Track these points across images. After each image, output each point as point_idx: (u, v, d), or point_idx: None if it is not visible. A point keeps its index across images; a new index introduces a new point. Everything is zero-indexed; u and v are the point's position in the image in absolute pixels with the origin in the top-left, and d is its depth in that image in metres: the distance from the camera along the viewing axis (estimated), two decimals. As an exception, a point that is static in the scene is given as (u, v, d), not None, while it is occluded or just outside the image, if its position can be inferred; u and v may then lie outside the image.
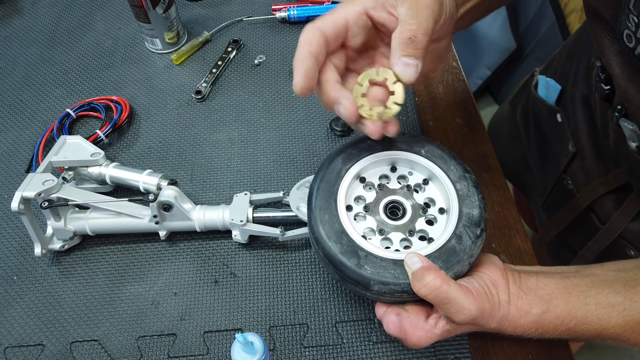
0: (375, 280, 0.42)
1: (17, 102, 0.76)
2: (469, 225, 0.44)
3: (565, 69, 0.68)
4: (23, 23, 0.88)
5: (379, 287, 0.42)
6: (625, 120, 0.48)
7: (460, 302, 0.40)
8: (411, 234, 0.46)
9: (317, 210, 0.45)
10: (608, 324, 0.43)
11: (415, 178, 0.50)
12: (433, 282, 0.39)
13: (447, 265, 0.42)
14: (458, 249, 0.43)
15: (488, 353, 0.52)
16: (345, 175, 0.48)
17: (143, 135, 0.71)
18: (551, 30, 1.61)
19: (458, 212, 0.45)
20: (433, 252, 0.43)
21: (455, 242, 0.43)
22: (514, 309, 0.43)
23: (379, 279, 0.42)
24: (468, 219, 0.45)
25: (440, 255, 0.43)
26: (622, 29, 0.43)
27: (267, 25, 0.83)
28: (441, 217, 0.47)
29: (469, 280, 0.43)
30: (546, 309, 0.43)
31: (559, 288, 0.44)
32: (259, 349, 0.43)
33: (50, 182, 0.55)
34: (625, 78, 0.46)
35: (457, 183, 0.47)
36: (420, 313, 0.43)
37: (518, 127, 0.82)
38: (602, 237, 0.63)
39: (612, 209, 0.61)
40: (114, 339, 0.55)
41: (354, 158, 0.48)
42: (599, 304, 0.43)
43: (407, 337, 0.43)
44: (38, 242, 0.57)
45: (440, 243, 0.44)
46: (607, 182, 0.60)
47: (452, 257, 0.43)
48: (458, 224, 0.44)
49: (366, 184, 0.49)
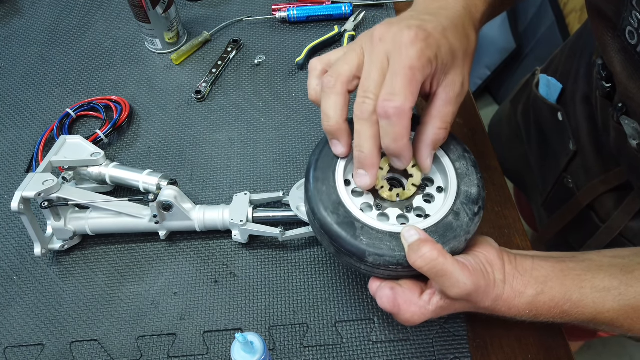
0: (370, 252, 0.42)
1: (17, 102, 0.76)
2: (466, 203, 0.44)
3: (566, 68, 0.68)
4: (23, 23, 0.88)
5: (374, 259, 0.42)
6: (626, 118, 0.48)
7: (455, 276, 0.40)
8: (408, 210, 0.46)
9: (315, 181, 0.45)
10: (603, 307, 0.43)
11: None
12: (429, 254, 0.39)
13: (444, 240, 0.42)
14: (455, 225, 0.43)
15: (488, 353, 0.53)
16: None
17: (143, 135, 0.71)
18: (551, 30, 1.61)
19: (456, 190, 0.45)
20: (430, 227, 0.43)
21: (453, 219, 0.43)
22: (509, 288, 0.43)
23: (375, 251, 0.42)
24: (466, 197, 0.45)
25: (437, 230, 0.43)
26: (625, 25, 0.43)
27: (267, 25, 0.83)
28: (439, 196, 0.47)
29: (465, 257, 0.42)
30: (541, 290, 0.43)
31: (554, 271, 0.44)
32: (258, 349, 0.43)
33: (50, 182, 0.55)
34: (626, 76, 0.46)
35: (457, 162, 0.47)
36: (414, 288, 0.43)
37: (519, 126, 0.82)
38: (602, 235, 0.63)
39: (612, 208, 0.61)
40: (114, 338, 0.55)
41: None
42: (595, 288, 0.43)
43: (400, 312, 0.43)
44: (38, 242, 0.57)
45: (437, 218, 0.44)
46: (608, 181, 0.61)
47: (448, 233, 0.43)
48: (456, 201, 0.44)
49: None
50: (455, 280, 0.40)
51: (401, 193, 0.46)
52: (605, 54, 0.48)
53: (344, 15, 0.82)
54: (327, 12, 0.82)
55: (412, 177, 0.46)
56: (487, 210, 0.62)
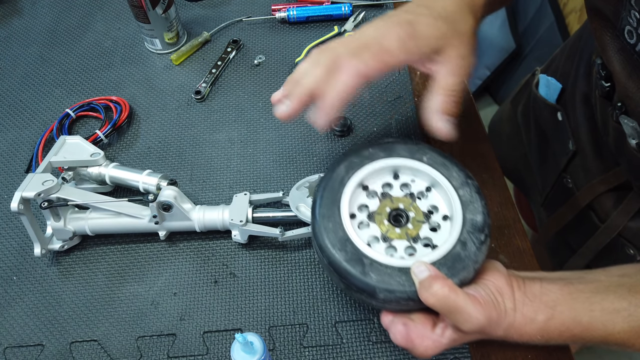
0: (380, 288, 0.41)
1: (17, 102, 0.76)
2: (472, 232, 0.44)
3: (566, 68, 0.68)
4: (23, 23, 0.88)
5: (384, 295, 0.42)
6: (626, 117, 0.48)
7: (468, 311, 0.40)
8: (415, 241, 0.46)
9: (321, 218, 0.45)
10: (613, 329, 0.43)
11: (417, 185, 0.49)
12: (440, 290, 0.39)
13: (453, 272, 0.42)
14: (463, 255, 0.43)
15: (488, 353, 0.52)
16: (348, 182, 0.47)
17: (143, 136, 0.71)
18: (550, 31, 1.61)
19: (462, 218, 0.45)
20: (438, 259, 0.43)
21: (460, 249, 0.43)
22: (520, 316, 0.43)
23: (385, 287, 0.41)
24: (472, 225, 0.45)
25: (445, 262, 0.43)
26: (623, 25, 0.44)
27: (266, 25, 0.83)
28: (445, 224, 0.47)
29: (475, 289, 0.42)
30: (551, 315, 0.43)
31: (563, 294, 0.44)
32: (258, 349, 0.43)
33: (49, 182, 0.55)
34: (625, 75, 0.46)
35: (460, 189, 0.47)
36: (426, 322, 0.43)
37: (519, 126, 0.82)
38: (601, 235, 0.63)
39: (611, 208, 0.61)
40: (114, 339, 0.55)
41: (357, 166, 0.48)
42: (604, 310, 0.43)
43: (414, 347, 0.43)
44: (38, 242, 0.57)
45: (445, 250, 0.43)
46: (607, 181, 0.61)
47: (457, 264, 0.43)
48: (462, 230, 0.44)
49: (369, 192, 0.49)
50: (468, 316, 0.40)
51: (409, 231, 0.46)
52: (605, 54, 0.48)
53: (343, 16, 0.82)
54: (326, 12, 0.82)
55: (414, 214, 0.47)
56: (487, 210, 0.62)
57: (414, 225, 0.47)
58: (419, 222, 0.47)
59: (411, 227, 0.47)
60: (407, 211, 0.48)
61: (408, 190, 0.49)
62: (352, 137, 0.68)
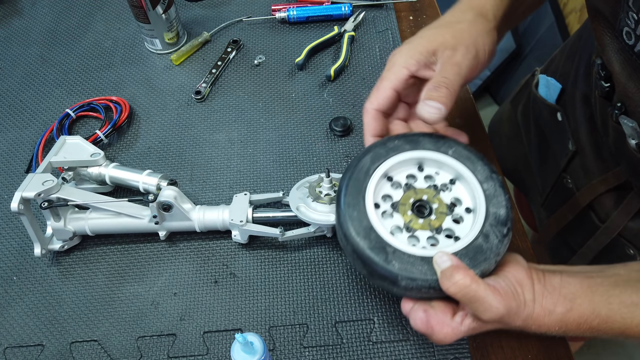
0: (402, 276, 0.42)
1: (17, 102, 0.76)
2: (495, 225, 0.45)
3: (565, 69, 0.69)
4: (23, 23, 0.88)
5: (406, 283, 0.42)
6: (625, 118, 0.48)
7: (488, 301, 0.40)
8: (438, 232, 0.46)
9: (346, 207, 0.46)
10: (632, 322, 0.43)
11: (442, 178, 0.50)
12: (462, 280, 0.40)
13: (474, 263, 0.43)
14: (485, 248, 0.44)
15: (488, 353, 0.53)
16: (373, 173, 0.48)
17: (143, 136, 0.71)
18: (550, 31, 1.61)
19: (485, 211, 0.45)
20: (460, 250, 0.43)
21: (482, 241, 0.44)
22: (539, 307, 0.43)
23: (407, 275, 0.42)
24: (495, 219, 0.45)
25: (467, 253, 0.43)
26: (622, 26, 0.44)
27: (266, 25, 0.83)
28: (468, 216, 0.47)
29: (495, 279, 0.43)
30: (570, 307, 0.43)
31: (582, 287, 0.44)
32: (258, 349, 0.43)
33: (49, 182, 0.55)
34: (625, 75, 0.46)
35: (484, 183, 0.47)
36: (446, 310, 0.44)
37: (519, 126, 0.82)
38: (601, 235, 0.63)
39: (611, 208, 0.61)
40: (114, 339, 0.55)
41: (382, 157, 0.49)
42: (623, 303, 0.43)
43: (433, 333, 0.43)
44: (38, 243, 0.57)
45: (467, 241, 0.44)
46: (607, 181, 0.61)
47: (479, 255, 0.43)
48: (485, 223, 0.45)
49: (393, 183, 0.49)
50: (488, 305, 0.40)
51: (432, 222, 0.47)
52: (604, 54, 0.48)
53: (343, 16, 0.82)
54: (326, 12, 0.82)
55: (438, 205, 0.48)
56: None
57: (437, 217, 0.47)
58: (442, 214, 0.47)
59: (434, 218, 0.47)
60: (430, 203, 0.48)
61: (432, 182, 0.49)
62: (352, 137, 0.68)
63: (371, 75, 0.75)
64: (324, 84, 0.75)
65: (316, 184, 0.57)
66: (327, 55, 0.79)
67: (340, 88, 0.74)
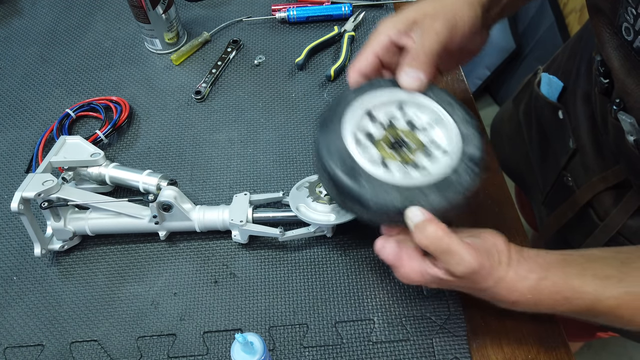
0: (373, 200, 0.43)
1: (17, 102, 0.76)
2: (468, 162, 0.46)
3: (567, 67, 0.69)
4: (23, 23, 0.88)
5: (376, 206, 0.43)
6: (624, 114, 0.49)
7: (461, 254, 0.41)
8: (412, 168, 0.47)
9: (323, 130, 0.47)
10: (603, 294, 0.43)
11: (421, 119, 0.51)
12: (435, 233, 0.41)
13: (444, 194, 0.44)
14: (455, 182, 0.45)
15: (488, 353, 0.53)
16: (354, 102, 0.49)
17: (143, 136, 0.71)
18: (550, 31, 1.61)
19: (459, 151, 0.47)
20: (431, 183, 0.44)
21: (453, 176, 0.45)
22: (513, 272, 0.43)
23: (377, 199, 0.43)
24: (467, 157, 0.46)
25: (437, 185, 0.44)
26: (621, 22, 0.44)
27: (266, 25, 0.83)
28: (442, 156, 0.48)
29: (472, 239, 0.44)
30: (544, 275, 0.44)
31: (557, 259, 0.45)
32: (258, 349, 0.43)
33: (50, 182, 0.55)
34: (624, 72, 0.46)
35: (461, 125, 0.48)
36: (420, 250, 0.44)
37: (520, 125, 0.82)
38: (600, 233, 0.63)
39: (611, 206, 0.62)
40: (114, 339, 0.55)
41: (365, 90, 0.50)
42: (596, 275, 0.44)
43: (400, 266, 0.44)
44: (38, 243, 0.57)
45: (438, 175, 0.45)
46: (606, 179, 0.61)
47: (449, 188, 0.44)
48: (457, 160, 0.46)
49: (374, 120, 0.50)
50: (460, 258, 0.41)
51: (407, 158, 0.48)
52: (604, 51, 0.49)
53: (343, 16, 0.82)
54: (326, 12, 0.82)
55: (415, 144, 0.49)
56: (487, 210, 0.62)
57: (413, 153, 0.48)
58: (417, 151, 0.48)
59: (409, 155, 0.48)
60: (407, 141, 0.49)
61: (412, 122, 0.51)
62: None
63: (371, 75, 0.75)
64: (324, 84, 0.75)
65: (316, 184, 0.57)
66: (327, 55, 0.79)
67: (340, 88, 0.74)
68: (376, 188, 0.44)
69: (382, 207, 0.43)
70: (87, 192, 0.57)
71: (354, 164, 0.45)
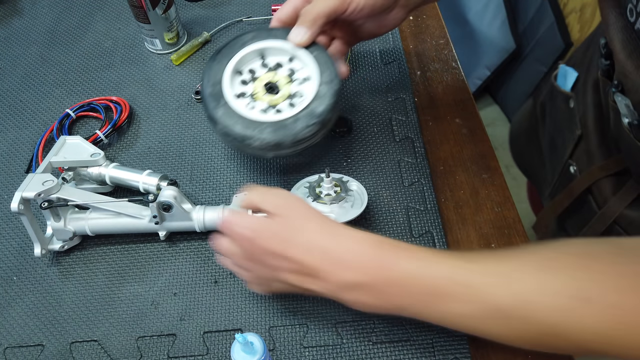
0: (220, 122, 0.54)
1: (17, 102, 0.76)
2: (308, 115, 0.54)
3: (583, 58, 0.69)
4: (23, 23, 0.88)
5: (221, 127, 0.54)
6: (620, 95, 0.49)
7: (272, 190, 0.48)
8: (272, 108, 0.57)
9: (213, 59, 0.58)
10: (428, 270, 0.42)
11: (301, 73, 0.59)
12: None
13: (276, 134, 0.53)
14: (290, 126, 0.54)
15: (488, 353, 0.53)
16: (250, 43, 0.59)
17: (143, 136, 0.71)
18: (550, 31, 1.61)
19: (307, 104, 0.55)
20: (272, 122, 0.54)
21: (292, 122, 0.54)
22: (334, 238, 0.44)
23: (223, 122, 0.54)
24: (310, 111, 0.54)
25: (276, 125, 0.54)
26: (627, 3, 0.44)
27: (266, 25, 0.83)
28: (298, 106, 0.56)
29: None
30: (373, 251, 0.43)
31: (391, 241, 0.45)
32: (258, 349, 0.43)
33: (50, 182, 0.55)
34: (625, 55, 0.47)
35: (323, 85, 0.56)
36: None
37: (537, 119, 0.82)
38: (597, 222, 0.63)
39: (610, 193, 0.61)
40: (114, 339, 0.55)
41: (263, 36, 0.59)
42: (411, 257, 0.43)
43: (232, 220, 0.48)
44: (38, 243, 0.57)
45: (282, 118, 0.54)
46: (607, 167, 0.61)
47: (283, 129, 0.53)
48: (301, 111, 0.54)
49: (265, 63, 0.60)
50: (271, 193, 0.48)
51: (272, 100, 0.58)
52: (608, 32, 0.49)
53: (343, 16, 0.82)
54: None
55: (284, 90, 0.58)
56: (487, 210, 0.62)
57: (279, 98, 0.58)
58: (283, 97, 0.58)
59: (276, 98, 0.57)
60: (279, 87, 0.58)
61: (292, 73, 0.59)
62: (352, 136, 0.68)
63: (371, 76, 0.75)
64: (324, 84, 0.75)
65: (316, 184, 0.57)
66: (327, 55, 0.79)
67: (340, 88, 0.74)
68: (227, 113, 0.55)
69: (225, 128, 0.54)
70: (87, 192, 0.58)
71: (220, 91, 0.56)
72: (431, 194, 0.62)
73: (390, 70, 0.75)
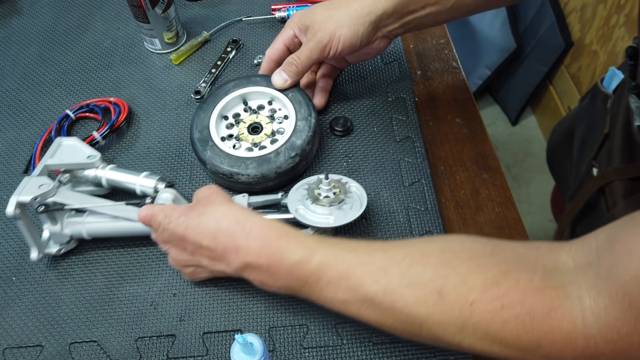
0: (209, 163, 0.61)
1: (16, 102, 0.76)
2: (288, 149, 0.60)
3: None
4: (22, 23, 0.88)
5: (210, 166, 0.61)
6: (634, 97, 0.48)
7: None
8: (255, 147, 0.64)
9: (201, 108, 0.65)
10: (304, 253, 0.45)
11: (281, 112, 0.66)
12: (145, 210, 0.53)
13: (260, 168, 0.59)
14: (272, 160, 0.60)
15: (488, 354, 0.52)
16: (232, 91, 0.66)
17: (142, 136, 0.71)
18: (551, 31, 1.61)
19: (287, 139, 0.61)
20: (255, 157, 0.60)
21: (273, 156, 0.60)
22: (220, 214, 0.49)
23: (212, 162, 0.61)
24: (290, 145, 0.61)
25: (259, 159, 0.60)
26: None
27: (266, 25, 0.83)
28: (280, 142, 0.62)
29: None
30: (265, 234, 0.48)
31: None
32: (258, 350, 0.43)
33: (45, 185, 0.55)
34: None
35: (300, 121, 0.62)
36: None
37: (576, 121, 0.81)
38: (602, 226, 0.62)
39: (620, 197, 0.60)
40: (113, 340, 0.54)
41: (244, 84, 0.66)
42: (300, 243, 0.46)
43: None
44: (35, 247, 0.56)
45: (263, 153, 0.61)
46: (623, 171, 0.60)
47: (265, 164, 0.60)
48: (282, 145, 0.61)
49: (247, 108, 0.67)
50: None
51: (255, 139, 0.64)
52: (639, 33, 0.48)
53: (343, 15, 0.82)
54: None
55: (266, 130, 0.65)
56: (487, 210, 0.62)
57: (262, 137, 0.64)
58: (266, 136, 0.64)
59: (259, 136, 0.64)
60: (262, 126, 0.65)
61: (273, 113, 0.67)
62: (352, 137, 0.68)
63: (371, 76, 0.75)
64: (324, 84, 0.75)
65: (315, 186, 0.57)
66: (327, 55, 0.79)
67: (340, 88, 0.74)
68: (214, 154, 0.61)
69: (213, 167, 0.60)
70: (83, 195, 0.57)
71: (208, 135, 0.62)
72: (431, 194, 0.62)
73: (391, 70, 0.75)
